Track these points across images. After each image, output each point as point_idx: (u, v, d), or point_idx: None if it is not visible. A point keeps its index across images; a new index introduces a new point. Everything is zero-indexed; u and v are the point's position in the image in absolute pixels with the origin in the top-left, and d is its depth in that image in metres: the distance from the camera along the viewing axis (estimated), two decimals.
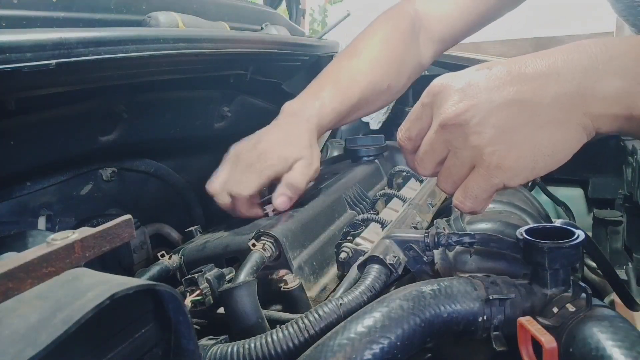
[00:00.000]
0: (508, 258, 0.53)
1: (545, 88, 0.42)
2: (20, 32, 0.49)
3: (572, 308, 0.40)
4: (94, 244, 0.33)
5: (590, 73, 0.41)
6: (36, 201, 0.73)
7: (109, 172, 0.82)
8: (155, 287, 0.30)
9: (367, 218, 0.69)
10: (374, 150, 0.99)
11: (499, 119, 0.43)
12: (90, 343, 0.29)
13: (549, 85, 0.42)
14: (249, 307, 0.50)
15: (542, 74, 0.42)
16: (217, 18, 1.00)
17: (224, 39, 0.80)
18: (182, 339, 0.34)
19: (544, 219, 0.70)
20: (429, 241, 0.55)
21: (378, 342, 0.39)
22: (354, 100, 0.84)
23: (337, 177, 0.86)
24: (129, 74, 0.68)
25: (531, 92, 0.42)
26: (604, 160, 0.98)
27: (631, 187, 0.80)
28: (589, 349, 0.36)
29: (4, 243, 0.57)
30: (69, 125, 0.70)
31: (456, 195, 0.48)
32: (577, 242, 0.43)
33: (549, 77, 0.42)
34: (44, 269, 0.30)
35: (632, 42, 0.42)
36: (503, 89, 0.43)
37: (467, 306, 0.43)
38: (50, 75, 0.51)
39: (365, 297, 0.48)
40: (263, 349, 0.43)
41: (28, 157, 0.67)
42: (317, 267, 0.64)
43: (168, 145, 0.92)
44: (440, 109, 0.46)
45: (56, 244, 0.31)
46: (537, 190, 0.94)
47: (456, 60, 1.18)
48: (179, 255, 0.66)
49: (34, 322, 0.25)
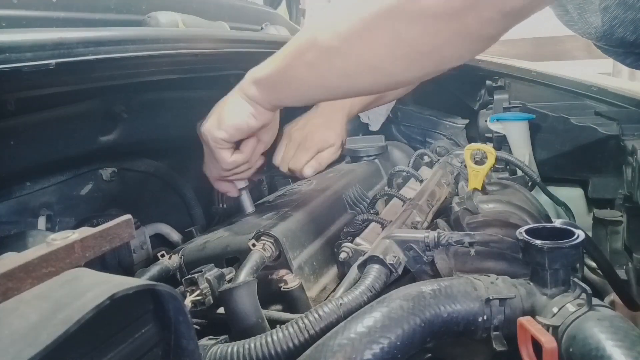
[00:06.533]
0: (508, 258, 0.53)
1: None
2: (20, 32, 0.49)
3: (572, 308, 0.40)
4: (94, 244, 0.33)
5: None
6: (36, 201, 0.73)
7: (109, 172, 0.82)
8: (155, 287, 0.30)
9: (367, 218, 0.69)
10: (374, 150, 1.00)
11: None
12: (90, 343, 0.29)
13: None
14: (249, 307, 0.50)
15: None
16: (217, 18, 1.00)
17: (224, 39, 0.80)
18: (182, 339, 0.34)
19: (544, 219, 0.70)
20: (429, 241, 0.55)
21: (378, 342, 0.39)
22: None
23: (337, 177, 0.86)
24: (129, 74, 0.68)
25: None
26: (604, 160, 0.98)
27: (631, 187, 0.80)
28: (589, 349, 0.36)
29: (4, 243, 0.57)
30: (69, 125, 0.70)
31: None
32: (577, 242, 0.43)
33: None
34: (44, 269, 0.30)
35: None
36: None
37: (467, 306, 0.43)
38: (50, 75, 0.51)
39: (365, 297, 0.48)
40: (263, 349, 0.43)
41: (28, 157, 0.67)
42: (317, 267, 0.64)
43: (168, 145, 0.92)
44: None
45: (56, 244, 0.31)
46: (537, 190, 0.94)
47: None
48: (179, 255, 0.66)
49: (34, 322, 0.25)
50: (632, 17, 0.69)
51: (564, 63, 3.28)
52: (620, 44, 0.75)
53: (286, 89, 0.69)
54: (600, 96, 1.01)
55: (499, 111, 1.11)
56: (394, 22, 0.54)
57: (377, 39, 0.56)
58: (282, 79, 0.67)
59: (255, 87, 0.70)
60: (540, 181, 0.91)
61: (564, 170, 1.04)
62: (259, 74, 0.69)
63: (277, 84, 0.69)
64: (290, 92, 0.69)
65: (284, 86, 0.69)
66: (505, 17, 0.50)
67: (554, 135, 1.03)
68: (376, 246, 0.56)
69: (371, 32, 0.56)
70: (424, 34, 0.53)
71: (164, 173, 0.92)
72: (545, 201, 0.91)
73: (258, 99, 0.70)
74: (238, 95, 0.72)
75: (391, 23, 0.54)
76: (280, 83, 0.68)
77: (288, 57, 0.65)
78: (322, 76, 0.64)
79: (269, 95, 0.70)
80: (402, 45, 0.56)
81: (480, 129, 1.16)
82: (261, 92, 0.70)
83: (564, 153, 1.03)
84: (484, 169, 0.71)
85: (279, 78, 0.68)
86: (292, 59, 0.65)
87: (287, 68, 0.66)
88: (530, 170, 0.89)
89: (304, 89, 0.68)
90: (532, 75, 1.10)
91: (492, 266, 0.53)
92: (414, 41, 0.54)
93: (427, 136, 1.29)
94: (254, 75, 0.70)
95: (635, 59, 0.79)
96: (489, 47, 0.57)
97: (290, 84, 0.68)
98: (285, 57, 0.66)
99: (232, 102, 0.72)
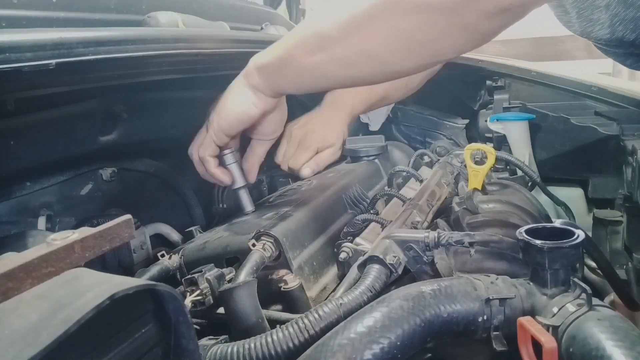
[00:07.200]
0: (508, 258, 0.53)
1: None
2: (20, 32, 0.49)
3: (572, 308, 0.40)
4: (94, 244, 0.33)
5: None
6: (36, 201, 0.73)
7: (109, 172, 0.82)
8: (155, 287, 0.30)
9: (367, 218, 0.69)
10: (374, 150, 0.99)
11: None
12: (90, 343, 0.29)
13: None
14: (249, 307, 0.50)
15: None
16: (217, 18, 1.00)
17: (224, 39, 0.80)
18: (182, 339, 0.34)
19: (544, 219, 0.70)
20: (429, 241, 0.55)
21: (378, 342, 0.39)
22: (380, 94, 1.04)
23: (337, 177, 0.86)
24: (129, 74, 0.68)
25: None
26: (604, 160, 0.98)
27: (631, 187, 0.80)
28: (589, 349, 0.36)
29: (4, 243, 0.57)
30: (69, 125, 0.70)
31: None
32: (577, 242, 0.43)
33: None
34: (44, 269, 0.30)
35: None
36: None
37: (467, 306, 0.43)
38: (50, 75, 0.51)
39: (365, 297, 0.48)
40: (263, 349, 0.43)
41: (28, 157, 0.67)
42: (317, 267, 0.64)
43: (168, 145, 0.92)
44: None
45: (56, 244, 0.31)
46: (537, 190, 0.94)
47: (457, 59, 1.18)
48: (179, 255, 0.66)
49: (34, 322, 0.25)
50: (632, 15, 0.69)
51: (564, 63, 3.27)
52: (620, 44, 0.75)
53: (287, 75, 0.71)
54: (600, 96, 1.01)
55: (499, 111, 1.11)
56: (392, 13, 0.55)
57: (375, 29, 0.58)
58: (284, 66, 0.69)
59: (258, 73, 0.72)
60: (540, 181, 0.91)
61: (564, 170, 1.04)
62: (262, 61, 0.72)
63: (279, 71, 0.70)
64: (291, 79, 0.71)
65: (285, 73, 0.70)
66: (503, 13, 0.51)
67: (554, 135, 1.03)
68: (376, 246, 0.56)
69: (370, 22, 0.57)
70: (421, 26, 0.55)
71: (164, 173, 0.92)
72: (545, 201, 0.91)
73: (260, 86, 0.72)
74: (241, 83, 0.74)
75: (389, 14, 0.56)
76: (282, 70, 0.70)
77: (290, 45, 0.67)
78: (322, 64, 0.65)
79: (270, 82, 0.72)
80: (400, 36, 0.57)
81: (480, 129, 1.16)
82: (263, 78, 0.72)
83: (564, 153, 1.03)
84: (484, 169, 0.71)
85: (280, 65, 0.69)
86: (294, 47, 0.67)
87: (289, 56, 0.68)
88: (530, 170, 0.89)
89: (305, 77, 0.70)
90: (532, 75, 1.10)
91: (492, 266, 0.53)
92: (411, 32, 0.56)
93: (427, 136, 1.29)
94: (257, 61, 0.72)
95: (635, 60, 0.79)
96: (487, 43, 0.58)
97: (292, 71, 0.69)
98: (287, 45, 0.68)
99: (235, 90, 0.75)
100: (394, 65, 0.62)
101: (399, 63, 0.61)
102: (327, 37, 0.62)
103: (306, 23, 0.70)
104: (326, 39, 0.62)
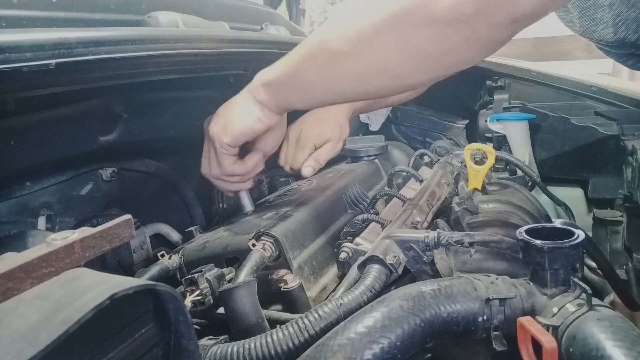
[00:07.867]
0: (508, 258, 0.53)
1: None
2: (20, 32, 0.49)
3: (572, 308, 0.40)
4: (94, 244, 0.33)
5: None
6: (36, 201, 0.73)
7: (109, 172, 0.82)
8: (155, 287, 0.30)
9: (367, 218, 0.69)
10: (374, 150, 0.99)
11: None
12: (90, 343, 0.29)
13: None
14: (249, 307, 0.50)
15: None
16: (217, 18, 1.00)
17: (223, 39, 0.80)
18: (182, 339, 0.34)
19: (544, 219, 0.70)
20: (429, 241, 0.55)
21: (378, 342, 0.39)
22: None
23: (337, 177, 0.86)
24: (129, 74, 0.68)
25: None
26: (604, 160, 0.98)
27: (631, 187, 0.80)
28: (589, 349, 0.36)
29: (4, 243, 0.57)
30: (69, 125, 0.70)
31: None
32: (577, 242, 0.43)
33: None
34: (44, 269, 0.30)
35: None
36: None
37: (467, 306, 0.43)
38: (50, 75, 0.51)
39: (365, 297, 0.48)
40: (263, 349, 0.43)
41: (28, 157, 0.67)
42: (317, 267, 0.64)
43: (168, 145, 0.92)
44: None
45: (56, 244, 0.31)
46: (537, 190, 0.94)
47: None
48: (179, 255, 0.66)
49: (34, 322, 0.25)
50: (635, 15, 0.69)
51: (564, 63, 3.28)
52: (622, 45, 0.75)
53: (296, 92, 0.69)
54: (600, 96, 1.01)
55: (499, 111, 1.11)
56: (403, 27, 0.54)
57: (386, 43, 0.56)
58: (292, 82, 0.68)
59: (264, 90, 0.70)
60: (540, 181, 0.91)
61: (564, 170, 1.04)
62: (269, 77, 0.70)
63: (287, 87, 0.69)
64: (300, 95, 0.70)
65: (293, 89, 0.69)
66: (514, 23, 0.50)
67: (554, 135, 1.04)
68: (376, 246, 0.56)
69: (381, 36, 0.56)
70: (433, 39, 0.54)
71: (164, 173, 0.92)
72: (545, 201, 0.91)
73: (266, 102, 0.71)
74: (247, 98, 0.72)
75: (400, 28, 0.54)
76: (290, 86, 0.69)
77: (298, 60, 0.66)
78: (332, 79, 0.64)
79: (277, 98, 0.70)
80: (411, 50, 0.56)
81: (480, 129, 1.16)
82: (270, 95, 0.70)
83: (564, 153, 1.03)
84: (484, 169, 0.71)
85: (288, 81, 0.68)
86: (302, 62, 0.65)
87: (297, 71, 0.66)
88: (530, 170, 0.89)
89: (314, 92, 0.68)
90: (532, 75, 1.10)
91: (492, 266, 0.53)
92: (422, 46, 0.55)
93: (427, 136, 1.29)
94: (263, 77, 0.71)
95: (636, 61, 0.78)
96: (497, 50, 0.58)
97: (300, 87, 0.68)
98: (295, 61, 0.66)
99: (240, 105, 0.73)
100: (405, 79, 0.61)
101: (410, 77, 0.60)
102: (337, 51, 0.60)
103: (313, 37, 0.66)
104: (336, 54, 0.61)
